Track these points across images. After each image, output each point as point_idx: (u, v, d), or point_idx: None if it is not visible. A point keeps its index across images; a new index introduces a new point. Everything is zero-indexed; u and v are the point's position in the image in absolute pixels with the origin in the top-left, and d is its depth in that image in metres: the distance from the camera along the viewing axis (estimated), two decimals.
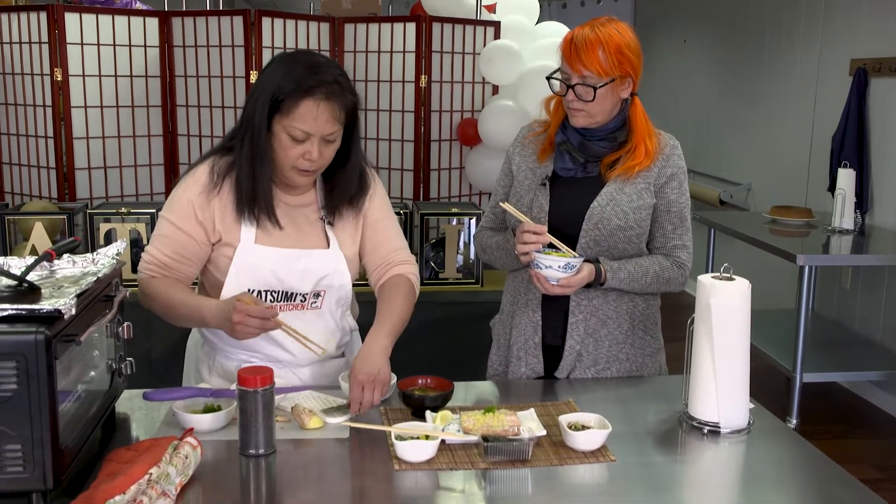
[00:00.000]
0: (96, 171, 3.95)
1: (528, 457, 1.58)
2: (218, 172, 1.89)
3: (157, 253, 1.90)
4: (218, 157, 1.92)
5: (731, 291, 1.72)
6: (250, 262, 1.88)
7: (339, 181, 1.96)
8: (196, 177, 1.90)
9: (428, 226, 3.64)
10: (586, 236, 2.04)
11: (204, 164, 1.92)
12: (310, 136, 1.80)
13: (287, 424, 1.72)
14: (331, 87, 1.79)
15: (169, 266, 1.90)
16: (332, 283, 1.96)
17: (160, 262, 1.90)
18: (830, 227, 4.22)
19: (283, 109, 1.79)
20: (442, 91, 4.15)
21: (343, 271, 1.96)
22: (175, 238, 1.89)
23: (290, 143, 1.81)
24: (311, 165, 1.84)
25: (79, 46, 3.83)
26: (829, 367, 3.93)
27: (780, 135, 5.43)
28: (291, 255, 1.91)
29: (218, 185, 1.88)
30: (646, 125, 2.07)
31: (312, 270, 1.92)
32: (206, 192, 1.88)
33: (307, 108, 1.78)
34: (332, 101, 1.79)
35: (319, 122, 1.79)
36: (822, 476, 1.61)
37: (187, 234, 1.89)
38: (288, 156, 1.82)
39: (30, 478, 1.31)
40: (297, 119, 1.78)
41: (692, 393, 1.79)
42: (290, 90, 1.77)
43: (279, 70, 1.81)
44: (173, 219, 1.89)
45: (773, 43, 5.53)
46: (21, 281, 1.44)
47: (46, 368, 1.29)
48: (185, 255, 1.90)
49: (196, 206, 1.88)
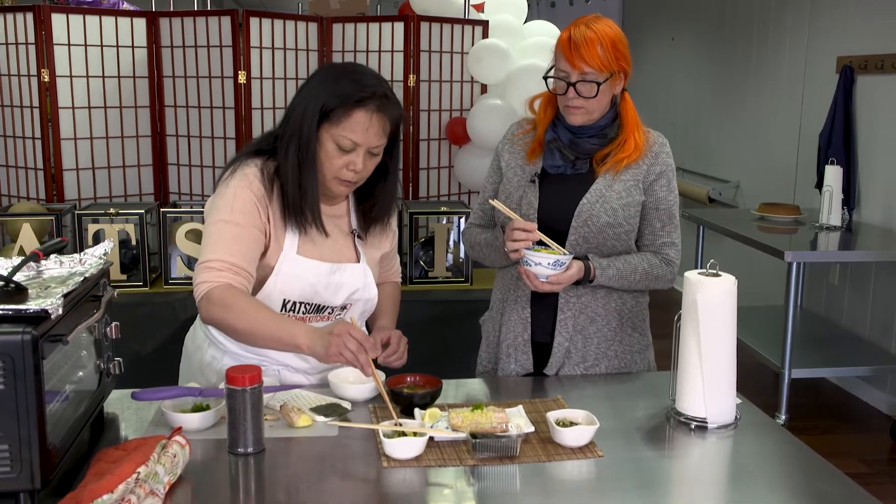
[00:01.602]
0: (84, 171, 3.94)
1: (516, 453, 1.59)
2: (268, 177, 1.86)
3: (228, 256, 1.77)
4: (262, 160, 1.88)
5: (718, 287, 1.73)
6: (293, 273, 1.87)
7: (380, 197, 1.96)
8: (249, 179, 1.85)
9: (417, 225, 3.65)
10: (575, 233, 2.05)
11: (251, 167, 1.87)
12: (357, 146, 1.81)
13: (276, 423, 1.72)
14: (382, 100, 1.80)
15: (244, 269, 1.79)
16: (362, 297, 1.97)
17: (235, 264, 1.77)
18: (818, 224, 4.24)
19: (334, 118, 1.79)
20: (430, 90, 4.16)
21: (371, 286, 1.98)
22: (243, 238, 1.80)
23: (337, 152, 1.81)
24: (354, 177, 1.84)
25: (66, 47, 3.81)
26: (818, 363, 3.95)
27: (767, 132, 5.46)
28: (329, 268, 1.91)
29: (269, 190, 1.85)
30: (635, 119, 2.08)
31: (345, 284, 1.92)
32: (264, 195, 1.85)
33: (359, 118, 1.79)
34: (384, 113, 1.81)
35: (370, 134, 1.80)
36: (808, 470, 1.62)
37: (257, 230, 1.83)
38: (332, 165, 1.82)
39: (17, 478, 1.31)
40: (347, 129, 1.79)
41: (679, 389, 1.80)
42: (343, 100, 1.78)
43: (328, 80, 1.82)
44: (237, 219, 1.80)
45: (760, 41, 5.55)
46: (8, 281, 1.43)
47: (33, 368, 1.29)
48: (254, 256, 1.82)
49: (259, 205, 1.84)
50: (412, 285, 3.54)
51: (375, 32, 4.08)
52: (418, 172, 4.17)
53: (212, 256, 1.78)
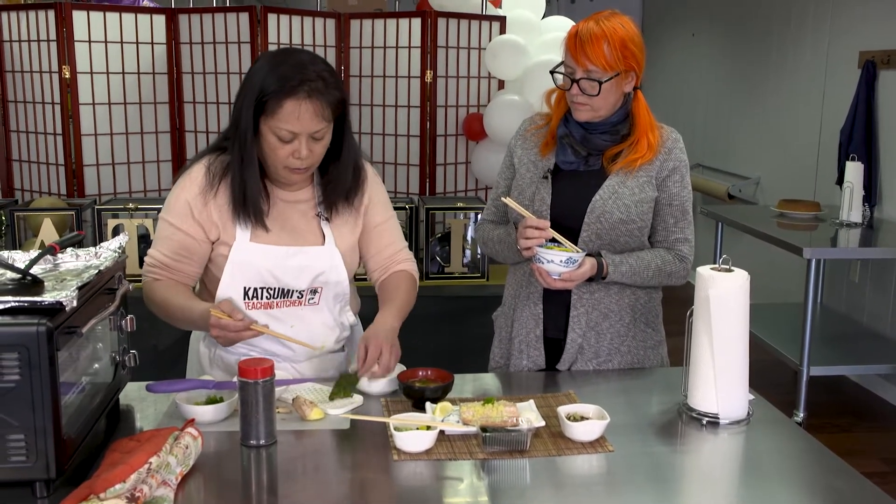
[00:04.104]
0: (104, 167, 3.98)
1: (527, 447, 1.60)
2: (214, 172, 1.90)
3: (159, 255, 1.92)
4: (213, 156, 1.93)
5: (730, 283, 1.72)
6: (245, 261, 1.90)
7: (333, 176, 1.96)
8: (192, 177, 1.91)
9: (434, 220, 3.66)
10: (588, 230, 2.05)
11: (199, 163, 1.93)
12: (296, 135, 1.80)
13: (288, 416, 1.73)
14: (313, 85, 1.78)
15: (171, 267, 1.91)
16: (329, 280, 1.96)
17: (162, 263, 1.92)
18: (838, 221, 4.20)
19: (268, 111, 1.79)
20: (448, 86, 4.16)
21: (339, 267, 1.97)
22: (175, 238, 1.91)
23: (278, 143, 1.81)
24: (302, 164, 1.84)
25: (87, 44, 3.86)
26: (837, 361, 3.92)
27: (788, 128, 5.42)
28: (286, 252, 1.91)
29: (214, 185, 1.89)
30: (648, 119, 2.07)
31: (307, 267, 1.93)
32: (203, 193, 1.89)
33: (290, 108, 1.77)
34: (316, 98, 1.78)
35: (304, 121, 1.79)
36: (821, 467, 1.62)
37: (186, 234, 1.90)
38: (277, 156, 1.83)
39: (33, 467, 1.34)
40: (281, 119, 1.78)
41: (691, 384, 1.80)
42: (273, 91, 1.77)
43: (262, 70, 1.81)
44: (172, 219, 1.91)
45: (781, 36, 5.51)
46: (24, 274, 1.46)
47: (48, 359, 1.31)
48: (185, 254, 1.92)
49: (193, 206, 1.89)
50: (428, 281, 3.55)
51: (393, 28, 4.09)
52: (435, 168, 4.18)
53: (150, 251, 1.96)
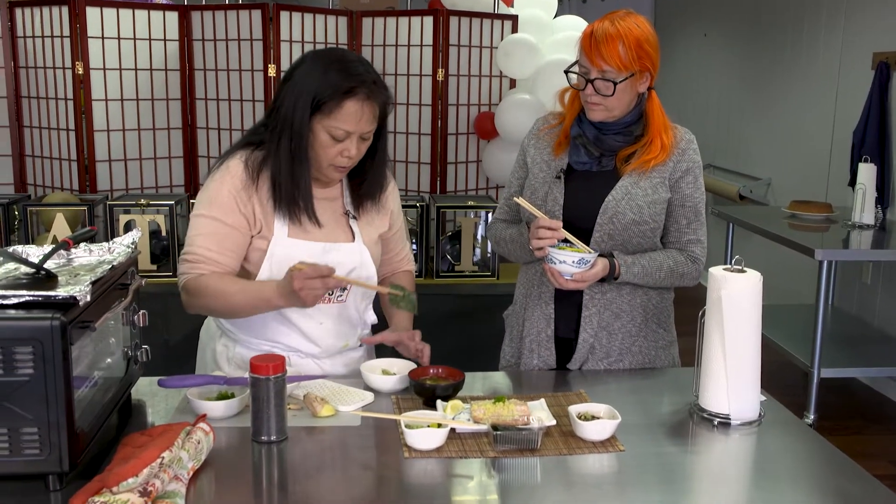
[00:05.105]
0: (116, 163, 4.00)
1: (537, 446, 1.60)
2: (252, 168, 1.90)
3: (203, 250, 1.89)
4: (247, 151, 1.92)
5: (742, 283, 1.72)
6: (284, 255, 1.90)
7: (369, 176, 1.99)
8: (232, 172, 1.91)
9: (444, 219, 3.66)
10: (600, 230, 2.05)
11: (235, 159, 1.92)
12: (350, 134, 1.84)
13: (299, 412, 1.74)
14: (371, 87, 1.83)
15: (217, 261, 1.89)
16: (360, 276, 1.98)
17: (207, 257, 1.88)
18: (850, 222, 4.19)
19: (325, 110, 1.81)
20: (459, 85, 4.16)
21: (368, 264, 2.00)
22: (220, 232, 1.89)
23: (330, 142, 1.84)
24: (349, 162, 1.88)
25: (100, 40, 3.87)
26: (848, 363, 3.91)
27: (801, 129, 5.39)
28: (323, 248, 1.93)
29: (254, 179, 1.90)
30: (662, 119, 2.06)
31: (340, 264, 1.94)
32: (245, 187, 1.90)
33: (351, 108, 1.81)
34: (373, 100, 1.84)
35: (362, 122, 1.83)
36: (832, 469, 1.61)
37: (232, 227, 1.89)
38: (327, 154, 1.86)
39: (46, 460, 1.35)
40: (339, 120, 1.81)
41: (703, 384, 1.79)
42: (332, 91, 1.80)
43: (316, 70, 1.83)
44: (216, 214, 1.89)
45: (794, 37, 5.48)
46: (38, 268, 1.47)
47: (62, 353, 1.32)
48: (231, 248, 1.91)
49: (238, 199, 1.89)
50: (438, 279, 3.55)
51: (405, 27, 4.09)
52: (446, 167, 4.18)
53: (189, 249, 1.91)
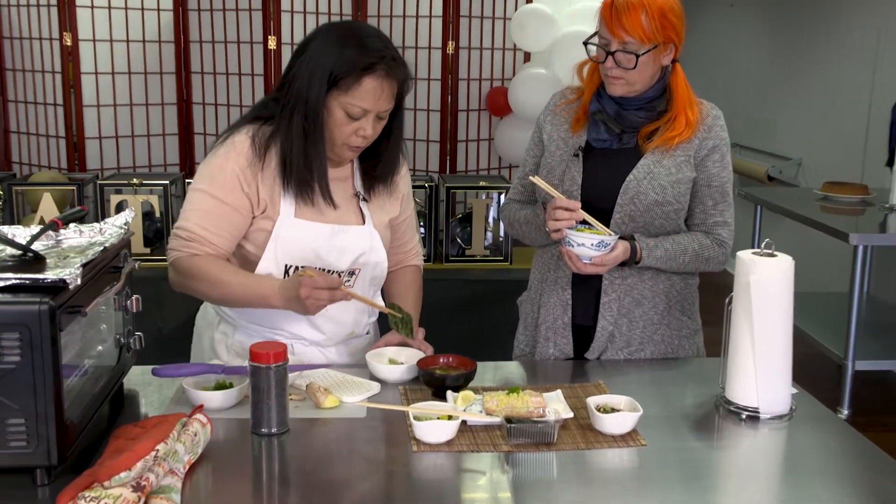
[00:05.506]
0: (107, 140, 4.00)
1: (554, 440, 1.59)
2: (259, 144, 1.89)
3: (197, 228, 1.87)
4: (255, 126, 1.91)
5: (773, 268, 1.70)
6: (291, 236, 1.90)
7: (384, 157, 1.99)
8: (238, 148, 1.89)
9: (454, 200, 3.65)
10: (621, 211, 2.03)
11: (241, 133, 1.91)
12: (367, 112, 1.83)
13: (301, 403, 1.74)
14: (390, 64, 1.81)
15: (212, 242, 1.88)
16: (369, 261, 1.98)
17: (201, 237, 1.87)
18: (888, 205, 4.15)
19: (342, 86, 1.80)
20: (470, 58, 4.14)
21: (378, 248, 2.00)
22: (217, 212, 1.88)
23: (346, 120, 1.83)
24: (363, 142, 1.87)
25: (89, 9, 3.86)
26: (885, 355, 3.88)
27: (834, 105, 5.35)
28: (331, 230, 1.93)
29: (261, 157, 1.88)
30: (687, 94, 2.05)
31: (350, 248, 1.94)
32: (252, 165, 1.88)
33: (370, 85, 1.80)
34: (392, 77, 1.82)
35: (381, 100, 1.82)
36: (867, 466, 1.60)
37: (232, 207, 1.88)
38: (342, 132, 1.85)
39: (33, 453, 1.35)
40: (357, 97, 1.81)
41: (730, 376, 1.78)
42: (350, 67, 1.79)
43: (332, 45, 1.82)
44: (215, 192, 1.87)
45: (828, 6, 5.43)
46: (26, 250, 1.47)
47: (50, 340, 1.32)
48: (227, 229, 1.90)
49: (242, 178, 1.88)
50: (448, 263, 3.55)
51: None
52: (457, 145, 4.17)
53: (183, 225, 1.89)
